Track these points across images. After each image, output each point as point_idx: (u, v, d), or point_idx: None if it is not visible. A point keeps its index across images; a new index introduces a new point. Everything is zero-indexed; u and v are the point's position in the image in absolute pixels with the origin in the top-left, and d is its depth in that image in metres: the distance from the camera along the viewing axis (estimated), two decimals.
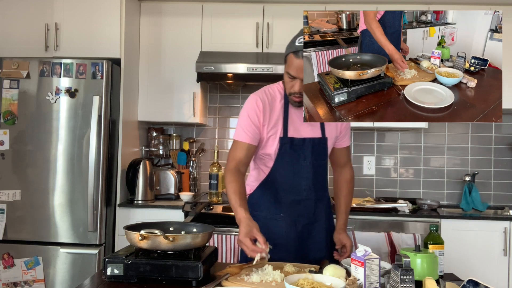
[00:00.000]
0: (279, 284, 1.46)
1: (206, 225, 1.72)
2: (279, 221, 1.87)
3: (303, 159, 1.85)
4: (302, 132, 1.85)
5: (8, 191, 2.92)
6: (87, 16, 3.13)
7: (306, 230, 1.89)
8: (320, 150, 1.88)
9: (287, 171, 1.85)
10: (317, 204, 1.91)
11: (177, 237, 1.50)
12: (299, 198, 1.87)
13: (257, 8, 3.34)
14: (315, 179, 1.89)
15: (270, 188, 1.89)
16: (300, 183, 1.87)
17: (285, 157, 1.84)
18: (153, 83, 3.39)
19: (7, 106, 2.93)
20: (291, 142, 1.83)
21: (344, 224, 1.98)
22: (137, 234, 1.49)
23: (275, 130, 1.83)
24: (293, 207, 1.87)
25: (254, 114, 1.82)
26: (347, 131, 2.00)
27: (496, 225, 2.93)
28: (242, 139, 1.83)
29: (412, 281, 1.36)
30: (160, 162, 3.68)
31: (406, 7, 3.27)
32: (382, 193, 3.63)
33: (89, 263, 2.87)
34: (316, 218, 1.91)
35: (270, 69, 3.11)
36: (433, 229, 1.75)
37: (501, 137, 3.60)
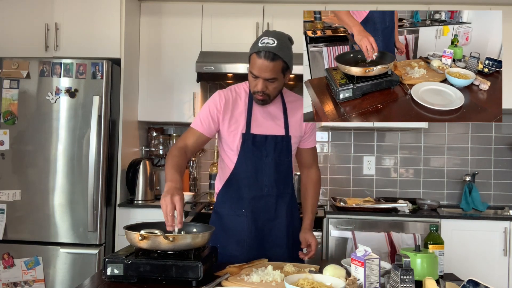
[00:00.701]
0: (279, 284, 1.46)
1: (206, 225, 1.72)
2: (241, 217, 1.90)
3: (265, 156, 1.89)
4: (265, 129, 1.89)
5: (8, 191, 2.92)
6: (87, 16, 3.13)
7: (267, 227, 1.92)
8: (283, 148, 1.91)
9: (249, 167, 1.89)
10: (279, 200, 1.93)
11: (177, 237, 1.50)
12: (260, 194, 1.90)
13: (257, 8, 3.34)
14: (277, 175, 1.91)
15: (234, 184, 1.92)
16: (262, 179, 1.90)
17: (247, 153, 1.88)
18: (153, 83, 3.40)
19: (7, 106, 2.93)
20: (253, 139, 1.87)
21: (310, 224, 2.02)
22: (137, 234, 1.49)
23: (236, 126, 1.88)
24: (254, 203, 1.90)
25: (214, 108, 1.89)
26: (312, 132, 2.02)
27: (496, 225, 2.93)
28: (196, 127, 1.90)
29: (412, 281, 1.36)
30: (160, 162, 3.68)
31: (406, 7, 3.27)
32: (382, 193, 3.63)
33: (89, 263, 2.87)
34: (277, 214, 1.94)
35: None
36: (433, 229, 1.75)
37: (501, 137, 3.60)
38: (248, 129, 1.87)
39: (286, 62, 1.78)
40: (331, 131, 3.67)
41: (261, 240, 1.91)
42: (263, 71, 1.75)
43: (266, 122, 1.90)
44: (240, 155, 1.89)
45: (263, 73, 1.76)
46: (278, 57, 1.74)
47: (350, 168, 3.65)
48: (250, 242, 1.89)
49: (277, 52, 1.73)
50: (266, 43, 1.73)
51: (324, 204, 3.35)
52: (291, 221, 1.99)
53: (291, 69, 1.84)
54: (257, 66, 1.76)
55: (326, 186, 3.66)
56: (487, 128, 3.60)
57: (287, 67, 1.80)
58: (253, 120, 1.89)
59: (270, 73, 1.76)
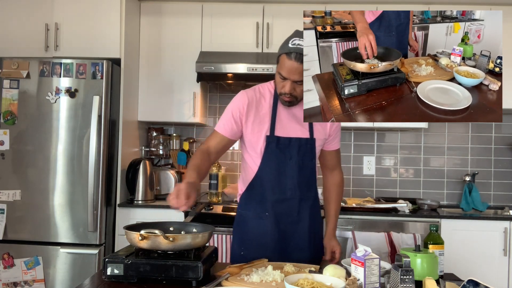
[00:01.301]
0: (279, 284, 1.46)
1: (206, 225, 1.72)
2: (264, 220, 1.88)
3: (289, 159, 1.86)
4: (290, 131, 1.86)
5: (8, 191, 2.92)
6: (87, 16, 3.13)
7: (289, 230, 1.90)
8: (307, 151, 1.88)
9: (273, 170, 1.86)
10: (302, 203, 1.90)
11: (177, 237, 1.50)
12: (283, 197, 1.87)
13: (257, 8, 3.34)
14: (301, 178, 1.89)
15: (257, 186, 1.89)
16: (285, 182, 1.87)
17: (271, 156, 1.85)
18: (153, 83, 3.39)
19: (7, 106, 2.93)
20: (277, 141, 1.84)
21: (334, 229, 2.02)
22: (137, 234, 1.49)
23: (260, 128, 1.84)
24: (277, 206, 1.88)
25: (237, 111, 1.85)
26: (337, 134, 1.99)
27: (496, 225, 2.93)
28: (219, 130, 1.88)
29: (412, 281, 1.36)
30: (160, 162, 3.68)
31: (406, 7, 3.26)
32: (382, 193, 3.63)
33: (89, 263, 2.87)
34: (300, 217, 1.91)
35: (270, 69, 3.11)
36: (433, 229, 1.75)
37: (501, 137, 3.60)
38: (273, 131, 1.83)
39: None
40: None
41: (284, 243, 1.89)
42: (292, 73, 1.72)
43: (291, 124, 1.86)
44: (264, 157, 1.85)
45: (292, 75, 1.73)
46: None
47: (350, 168, 3.65)
48: (273, 245, 1.86)
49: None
50: (297, 44, 1.70)
51: None
52: (313, 225, 1.96)
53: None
54: (287, 68, 1.72)
55: None
56: (487, 128, 3.60)
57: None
58: (278, 122, 1.85)
59: (300, 75, 1.72)
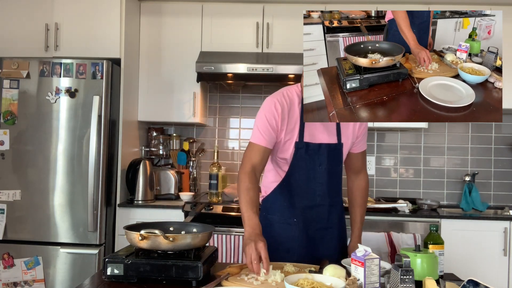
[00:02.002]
0: (279, 284, 1.46)
1: (206, 225, 1.72)
2: (292, 225, 1.86)
3: (318, 165, 1.83)
4: (318, 137, 1.83)
5: (8, 191, 2.92)
6: (87, 16, 3.13)
7: (318, 236, 1.88)
8: (335, 156, 1.86)
9: (302, 176, 1.84)
10: (331, 210, 1.90)
11: (177, 237, 1.50)
12: (312, 203, 1.86)
13: (257, 8, 3.34)
14: (330, 185, 1.87)
15: (284, 192, 1.87)
16: (314, 189, 1.85)
17: (300, 162, 1.82)
18: (153, 83, 3.39)
19: (7, 106, 2.93)
20: (306, 147, 1.81)
21: (359, 236, 1.96)
22: (137, 234, 1.49)
23: (291, 135, 1.81)
24: (306, 212, 1.86)
25: (272, 118, 1.78)
26: (364, 136, 1.95)
27: (496, 225, 2.93)
28: (259, 142, 1.79)
29: (412, 281, 1.36)
30: (160, 162, 3.68)
31: (406, 7, 3.26)
32: (382, 193, 3.63)
33: (89, 263, 2.87)
34: (330, 224, 1.90)
35: (270, 69, 3.11)
36: (433, 229, 1.75)
37: (501, 137, 3.60)
38: (301, 138, 1.81)
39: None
40: None
41: (311, 249, 1.87)
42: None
43: (319, 130, 1.84)
44: (293, 164, 1.83)
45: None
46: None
47: None
48: (299, 250, 1.85)
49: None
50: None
51: None
52: (341, 230, 1.96)
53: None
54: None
55: None
56: (487, 128, 3.60)
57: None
58: (306, 128, 1.82)
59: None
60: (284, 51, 3.29)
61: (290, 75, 3.16)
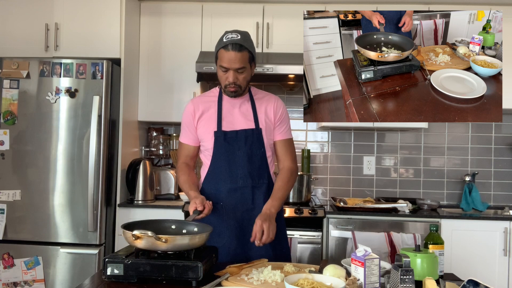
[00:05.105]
0: (279, 284, 1.46)
1: (205, 225, 1.72)
2: (218, 209, 1.98)
3: (237, 150, 1.99)
4: (236, 125, 2.01)
5: (8, 191, 2.92)
6: (87, 16, 3.13)
7: (246, 218, 1.98)
8: (254, 140, 2.01)
9: (224, 162, 2.00)
10: (255, 191, 2.00)
11: (169, 238, 1.48)
12: (236, 186, 1.99)
13: (257, 8, 3.34)
14: (251, 167, 2.00)
15: (211, 179, 2.03)
16: (236, 172, 1.99)
17: (221, 149, 1.99)
18: (153, 83, 3.40)
19: (7, 106, 2.93)
20: (224, 135, 1.99)
21: (268, 209, 1.88)
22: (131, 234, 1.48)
23: (209, 126, 2.01)
24: (231, 195, 1.99)
25: (189, 118, 2.04)
26: (282, 123, 2.07)
27: (496, 225, 2.93)
28: (183, 141, 2.09)
29: (412, 281, 1.36)
30: (160, 162, 3.68)
31: (406, 7, 3.26)
32: (382, 193, 3.63)
33: (89, 263, 2.87)
34: (255, 205, 1.99)
35: (270, 69, 3.11)
36: (433, 229, 1.75)
37: (501, 137, 3.60)
38: (219, 127, 1.99)
39: (251, 53, 1.94)
40: (331, 131, 3.67)
41: (241, 230, 1.97)
42: (232, 62, 1.90)
43: (237, 119, 2.02)
44: (214, 152, 2.00)
45: (233, 64, 1.90)
46: (244, 47, 1.90)
47: (350, 168, 3.65)
48: (229, 233, 1.96)
49: (243, 43, 1.90)
50: (231, 38, 1.91)
51: (324, 204, 3.35)
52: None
53: (255, 60, 2.00)
54: (227, 59, 1.90)
55: (326, 186, 3.66)
56: (487, 128, 3.60)
57: (253, 57, 1.96)
58: (224, 118, 2.01)
59: (239, 63, 1.90)
60: (284, 51, 3.29)
61: (290, 75, 3.16)
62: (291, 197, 3.09)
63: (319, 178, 3.63)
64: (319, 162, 3.67)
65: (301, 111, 3.67)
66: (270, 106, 2.06)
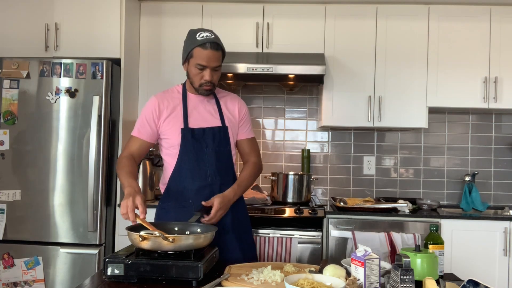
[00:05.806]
0: (279, 284, 1.46)
1: (209, 226, 1.73)
2: (188, 208, 1.95)
3: (205, 147, 1.99)
4: (203, 122, 2.02)
5: (8, 191, 2.92)
6: (87, 16, 3.13)
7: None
8: (221, 138, 2.02)
9: (191, 159, 1.98)
10: (223, 188, 2.00)
11: (177, 238, 1.50)
12: (205, 183, 1.99)
13: (257, 8, 3.34)
14: (219, 164, 2.01)
15: (177, 178, 2.00)
16: (205, 169, 1.99)
17: (188, 146, 1.98)
18: (153, 83, 3.39)
19: (7, 106, 2.93)
20: (192, 132, 1.98)
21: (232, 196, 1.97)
22: (137, 235, 1.49)
23: (175, 123, 1.99)
24: (200, 192, 1.98)
25: (150, 114, 2.00)
26: (245, 123, 2.13)
27: (496, 225, 2.93)
28: (135, 135, 2.04)
29: (412, 281, 1.36)
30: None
31: (406, 7, 3.27)
32: (382, 193, 3.63)
33: (89, 263, 2.87)
34: None
35: (270, 69, 3.11)
36: (433, 229, 1.75)
37: (501, 137, 3.60)
38: (186, 124, 1.98)
39: (224, 52, 1.98)
40: (331, 131, 3.67)
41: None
42: (211, 60, 1.91)
43: (203, 116, 2.02)
44: (181, 149, 1.98)
45: (211, 62, 1.92)
46: (220, 46, 1.94)
47: (350, 168, 3.66)
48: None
49: (219, 42, 1.94)
50: (207, 36, 1.92)
51: (324, 204, 3.35)
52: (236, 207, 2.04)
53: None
54: (206, 57, 1.90)
55: (326, 186, 3.66)
56: (487, 128, 3.61)
57: (224, 56, 1.99)
58: (190, 115, 2.01)
59: (217, 61, 1.94)
60: (284, 51, 3.29)
61: (290, 75, 3.16)
62: (291, 197, 3.09)
63: (319, 178, 3.63)
64: (319, 162, 3.67)
65: (301, 111, 3.67)
66: (234, 105, 2.11)
